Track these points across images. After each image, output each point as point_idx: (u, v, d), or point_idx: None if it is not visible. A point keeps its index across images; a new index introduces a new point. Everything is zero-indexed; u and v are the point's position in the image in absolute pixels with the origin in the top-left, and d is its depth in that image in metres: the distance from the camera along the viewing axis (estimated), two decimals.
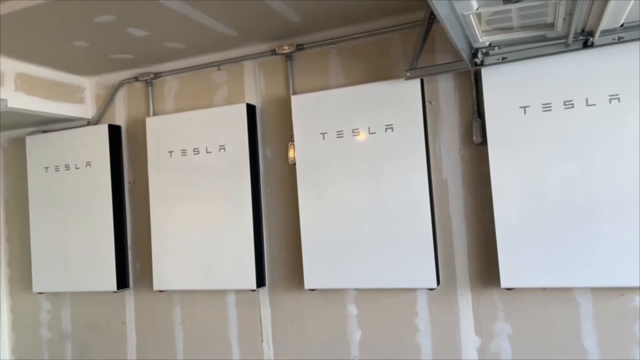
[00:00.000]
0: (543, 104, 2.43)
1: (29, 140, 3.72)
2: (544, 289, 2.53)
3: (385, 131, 2.75)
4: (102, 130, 3.47)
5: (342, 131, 2.84)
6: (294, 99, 2.97)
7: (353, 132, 2.82)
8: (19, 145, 3.86)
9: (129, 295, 3.54)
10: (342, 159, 2.84)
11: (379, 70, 2.89)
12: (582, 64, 2.35)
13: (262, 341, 3.15)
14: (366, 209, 2.79)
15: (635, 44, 2.25)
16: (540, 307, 2.56)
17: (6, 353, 3.92)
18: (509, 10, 1.90)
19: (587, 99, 2.36)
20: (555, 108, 2.41)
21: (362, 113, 2.80)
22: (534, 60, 2.40)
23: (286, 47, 3.05)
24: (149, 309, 3.48)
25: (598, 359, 2.46)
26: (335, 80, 3.00)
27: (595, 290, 2.47)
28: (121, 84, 3.55)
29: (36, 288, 3.65)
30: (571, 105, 2.38)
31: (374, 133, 2.78)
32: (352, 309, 2.94)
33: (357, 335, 2.93)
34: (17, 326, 3.93)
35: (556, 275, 2.43)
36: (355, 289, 2.92)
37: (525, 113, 2.47)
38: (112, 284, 3.40)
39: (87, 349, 3.66)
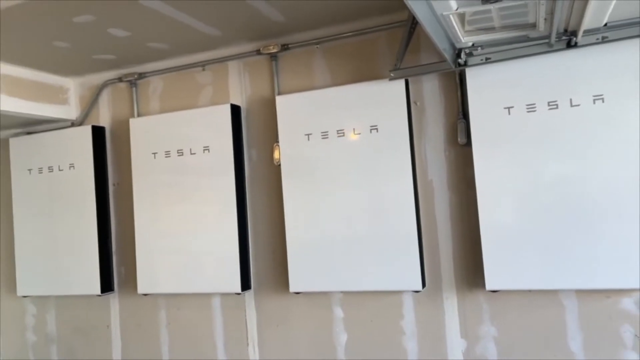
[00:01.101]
0: (527, 105, 2.41)
1: (13, 142, 3.67)
2: (529, 291, 2.51)
3: (370, 132, 2.72)
4: (86, 132, 3.43)
5: (327, 132, 2.81)
6: (279, 99, 2.94)
7: (338, 133, 2.79)
8: (3, 147, 3.81)
9: (114, 299, 3.50)
10: (326, 161, 2.81)
11: (364, 71, 2.86)
12: (566, 64, 2.33)
13: (248, 344, 3.12)
14: (351, 210, 2.76)
15: (620, 44, 2.22)
16: (526, 309, 2.54)
17: None
18: (490, 11, 1.87)
19: (571, 100, 2.34)
20: (540, 109, 2.39)
21: (347, 114, 2.77)
22: (518, 61, 2.37)
23: (271, 47, 3.02)
24: (134, 313, 3.44)
25: None
26: (320, 81, 2.97)
27: (580, 292, 2.45)
28: (105, 84, 3.51)
29: (20, 291, 3.60)
30: (555, 106, 2.36)
31: (359, 134, 2.75)
32: (338, 312, 2.91)
33: (343, 338, 2.90)
34: (2, 330, 3.88)
35: (541, 277, 2.41)
36: (341, 292, 2.89)
37: (509, 114, 2.44)
38: (96, 288, 3.36)
39: (73, 352, 3.62)
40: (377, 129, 2.71)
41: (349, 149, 2.77)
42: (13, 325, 3.83)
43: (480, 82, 2.48)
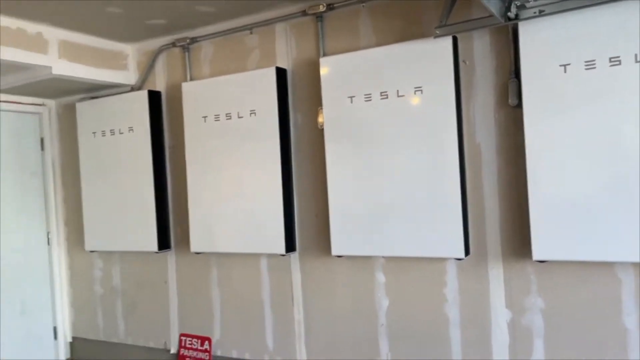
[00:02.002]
0: (586, 62, 2.20)
1: (79, 106, 3.88)
2: (581, 262, 2.35)
3: (415, 93, 2.62)
4: (142, 96, 3.56)
5: (370, 94, 2.73)
6: (323, 61, 2.88)
7: (381, 95, 2.70)
8: (71, 112, 4.04)
9: (170, 256, 3.68)
10: (369, 124, 2.74)
11: (410, 29, 2.73)
12: (630, 15, 2.09)
13: (293, 305, 3.18)
14: (394, 174, 2.69)
15: None
16: (577, 282, 2.39)
17: (66, 307, 4.22)
18: None
19: (636, 55, 2.11)
20: (600, 65, 2.18)
21: (391, 75, 2.67)
22: (576, 13, 2.17)
23: (316, 7, 2.95)
24: (188, 270, 3.60)
25: (639, 340, 2.28)
26: (366, 41, 2.88)
27: (639, 265, 2.26)
28: (160, 49, 3.61)
29: (88, 247, 3.88)
30: (618, 62, 2.14)
31: (402, 96, 2.65)
32: (380, 277, 2.89)
33: (384, 303, 2.88)
34: (74, 282, 4.21)
35: (595, 248, 2.24)
36: (383, 257, 2.86)
37: (565, 72, 2.25)
38: (154, 245, 3.54)
39: (135, 305, 3.87)
40: (421, 90, 2.60)
41: (392, 112, 2.68)
42: (83, 278, 4.15)
43: (534, 37, 2.29)
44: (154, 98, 3.60)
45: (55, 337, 4.15)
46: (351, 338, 2.99)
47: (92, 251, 3.95)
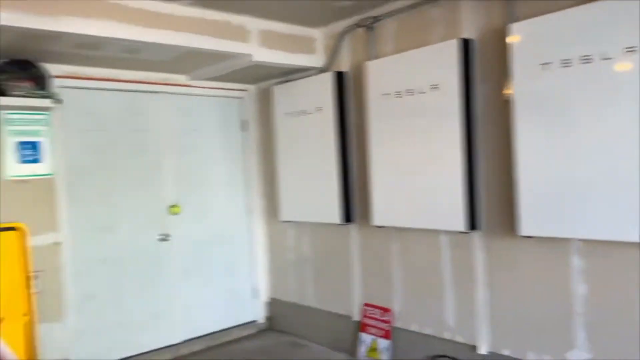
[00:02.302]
0: None
1: (275, 89, 4.25)
2: None
3: (625, 54, 2.29)
4: (329, 77, 3.75)
5: (568, 60, 2.47)
6: (512, 27, 2.69)
7: (582, 60, 2.43)
8: (267, 95, 4.46)
9: (354, 229, 3.85)
10: (566, 92, 2.49)
11: None
12: None
13: (475, 285, 3.09)
14: (596, 148, 2.41)
15: None
16: None
17: (264, 270, 4.72)
18: None
19: None
20: None
21: (595, 36, 2.38)
22: None
23: None
24: (370, 243, 3.73)
25: None
26: (562, 1, 2.60)
27: None
28: (345, 31, 3.75)
29: (282, 217, 4.27)
30: None
31: (609, 58, 2.34)
32: (576, 261, 2.63)
33: (581, 289, 2.62)
34: (270, 248, 4.69)
35: None
36: (580, 240, 2.59)
37: None
38: (338, 218, 3.75)
39: (321, 272, 4.16)
40: (635, 50, 2.26)
41: (595, 77, 2.39)
42: (277, 245, 4.59)
43: None
44: (340, 78, 3.76)
45: (255, 296, 4.69)
46: (541, 324, 2.80)
47: (285, 221, 4.33)
